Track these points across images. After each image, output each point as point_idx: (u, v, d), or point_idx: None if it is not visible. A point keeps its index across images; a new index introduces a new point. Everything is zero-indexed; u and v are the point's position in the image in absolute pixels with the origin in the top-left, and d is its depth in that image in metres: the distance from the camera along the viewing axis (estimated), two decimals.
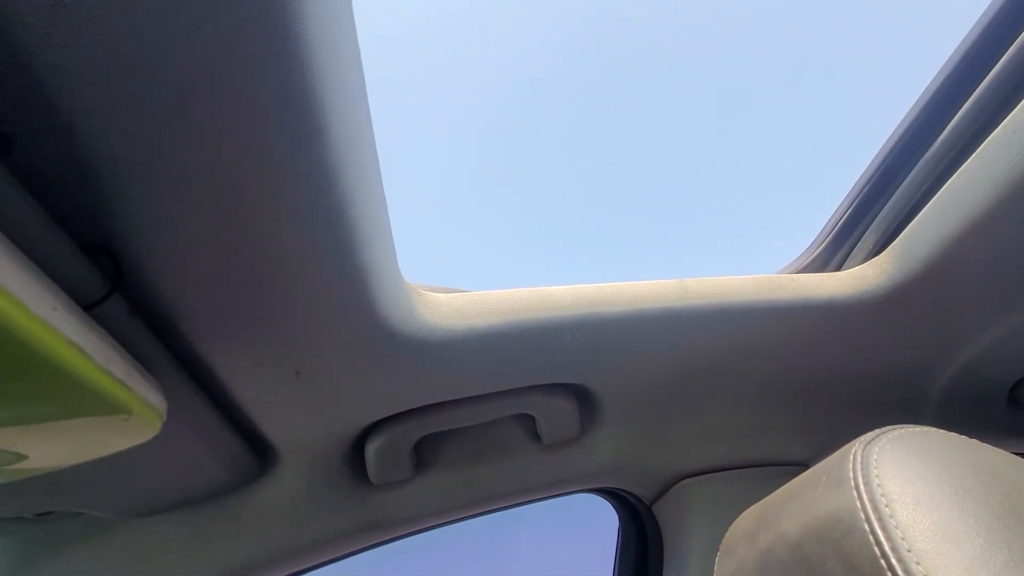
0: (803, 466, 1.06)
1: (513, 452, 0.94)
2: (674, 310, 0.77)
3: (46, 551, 0.76)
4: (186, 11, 0.32)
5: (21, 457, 0.49)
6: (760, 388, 0.94)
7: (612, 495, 1.12)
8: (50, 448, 0.50)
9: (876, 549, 0.38)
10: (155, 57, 0.34)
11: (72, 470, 0.60)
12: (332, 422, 0.76)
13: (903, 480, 0.42)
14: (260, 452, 0.80)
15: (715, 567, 0.64)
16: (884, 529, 0.38)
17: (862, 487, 0.42)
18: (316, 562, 0.90)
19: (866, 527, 0.40)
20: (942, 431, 0.48)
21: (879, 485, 0.41)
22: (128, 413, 0.48)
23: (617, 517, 1.17)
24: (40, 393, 0.41)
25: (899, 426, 0.48)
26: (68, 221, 0.41)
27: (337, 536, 0.87)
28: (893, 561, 0.37)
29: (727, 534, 0.65)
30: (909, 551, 0.37)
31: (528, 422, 0.94)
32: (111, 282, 0.45)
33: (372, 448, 0.83)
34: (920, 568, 0.36)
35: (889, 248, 0.80)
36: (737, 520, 0.65)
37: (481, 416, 0.85)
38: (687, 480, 1.01)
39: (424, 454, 0.90)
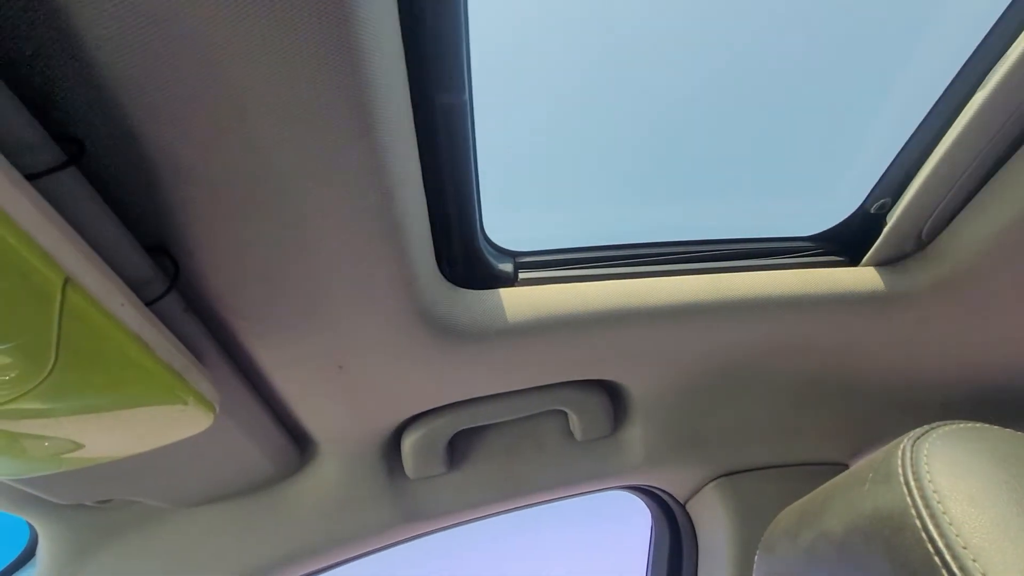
0: (842, 466, 1.03)
1: (546, 448, 0.94)
2: (708, 305, 0.76)
3: (102, 538, 0.80)
4: (244, 23, 0.34)
5: (78, 446, 0.52)
6: (797, 386, 0.93)
7: (645, 492, 1.12)
8: (109, 438, 0.53)
9: (929, 546, 0.37)
10: (215, 66, 0.36)
11: (130, 460, 0.63)
12: (371, 417, 0.78)
13: (956, 476, 0.41)
14: (302, 445, 0.82)
15: (755, 565, 0.64)
16: (937, 526, 0.38)
17: (912, 483, 0.41)
18: (354, 553, 0.92)
19: (917, 524, 0.39)
20: (995, 427, 0.47)
21: (930, 481, 0.41)
22: (185, 404, 0.50)
23: (650, 515, 1.16)
24: (107, 383, 0.43)
25: (949, 421, 0.47)
26: (132, 222, 0.44)
27: (375, 528, 0.89)
28: (948, 558, 0.36)
29: (767, 532, 0.64)
30: (965, 548, 0.36)
31: (561, 418, 0.94)
32: (170, 280, 0.47)
33: (408, 443, 0.84)
34: (977, 565, 0.35)
35: (934, 242, 0.77)
36: (777, 518, 0.64)
37: (515, 412, 0.86)
38: (722, 479, 1.00)
39: (459, 449, 0.91)
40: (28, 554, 0.81)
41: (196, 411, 0.52)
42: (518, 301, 0.71)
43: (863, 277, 0.80)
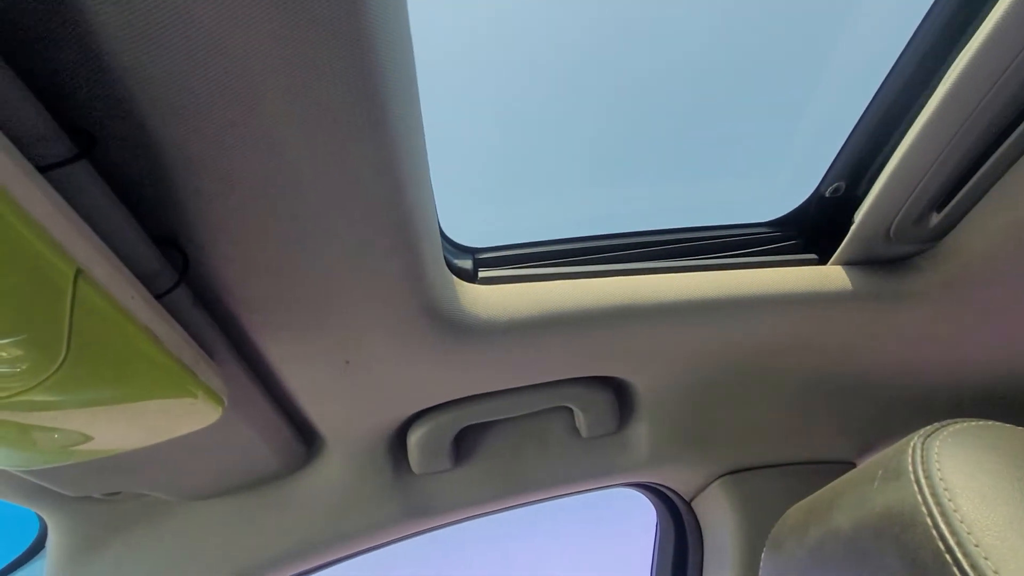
0: (849, 464, 1.03)
1: (551, 445, 0.94)
2: (716, 302, 0.76)
3: (111, 530, 0.81)
4: (257, 16, 0.34)
5: (87, 438, 0.52)
6: (805, 384, 0.92)
7: (650, 490, 1.12)
8: (118, 430, 0.53)
9: (940, 543, 0.37)
10: (227, 59, 0.36)
11: (139, 453, 0.63)
12: (377, 412, 0.78)
13: (966, 474, 0.40)
14: (308, 441, 0.82)
15: (762, 562, 0.63)
16: (948, 523, 0.37)
17: (923, 481, 0.41)
18: (360, 548, 0.93)
19: (928, 521, 0.39)
20: (1007, 425, 0.46)
21: (941, 479, 0.40)
22: (193, 398, 0.50)
23: (655, 512, 1.16)
24: (116, 376, 0.44)
25: (960, 419, 0.47)
26: (142, 214, 0.44)
27: (380, 524, 0.89)
28: (959, 556, 0.36)
29: (774, 529, 0.64)
30: (976, 546, 0.36)
31: (567, 415, 0.94)
32: (179, 273, 0.48)
33: (414, 438, 0.84)
34: (989, 563, 0.35)
35: (945, 239, 0.77)
36: (784, 516, 0.64)
37: (520, 408, 0.86)
38: (728, 476, 1.00)
39: (464, 445, 0.91)
40: (38, 545, 0.82)
41: (205, 405, 0.52)
42: (524, 297, 0.71)
43: (875, 274, 0.80)
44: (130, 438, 0.56)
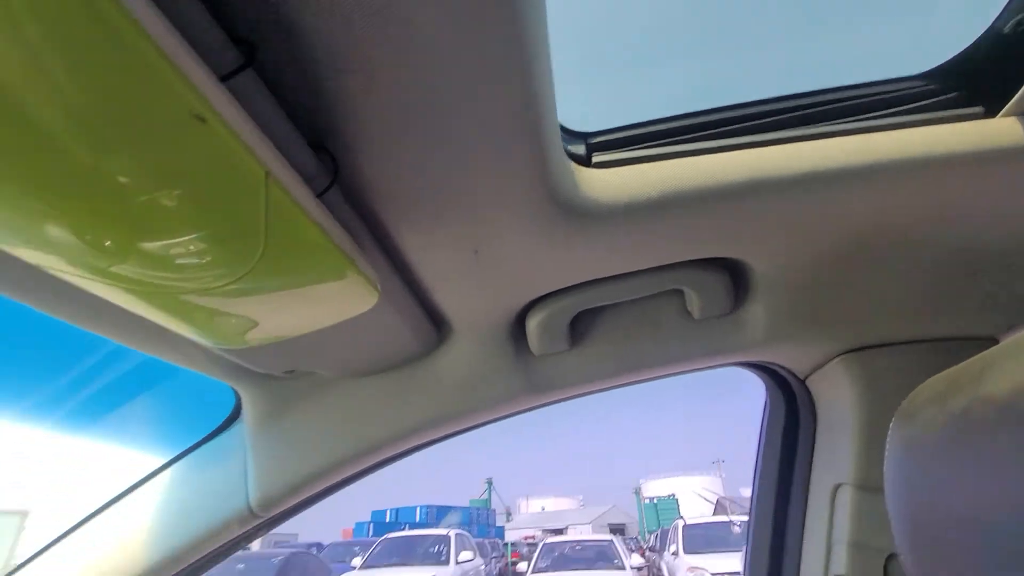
0: (991, 341, 0.96)
1: (664, 327, 0.96)
2: (851, 170, 0.69)
3: (287, 402, 0.97)
4: None
5: (267, 323, 0.61)
6: (948, 254, 0.84)
7: (761, 368, 1.12)
8: (293, 315, 0.62)
9: None
10: None
11: (309, 337, 0.74)
12: (499, 298, 0.83)
13: None
14: (438, 326, 0.91)
15: (889, 433, 0.64)
16: None
17: None
18: (488, 419, 1.04)
19: None
20: None
21: None
22: (355, 284, 0.57)
23: (765, 389, 1.18)
24: (299, 265, 0.51)
25: None
26: (298, 120, 0.47)
27: (504, 398, 0.99)
28: None
29: (905, 401, 0.63)
30: None
31: (679, 297, 0.95)
32: (332, 174, 0.52)
33: (533, 322, 0.90)
34: None
35: None
36: (919, 387, 0.62)
37: (634, 292, 0.88)
38: (849, 354, 0.98)
39: (579, 328, 0.96)
40: (235, 414, 1.01)
41: (363, 290, 0.59)
42: (640, 179, 0.70)
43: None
44: (303, 322, 0.65)
